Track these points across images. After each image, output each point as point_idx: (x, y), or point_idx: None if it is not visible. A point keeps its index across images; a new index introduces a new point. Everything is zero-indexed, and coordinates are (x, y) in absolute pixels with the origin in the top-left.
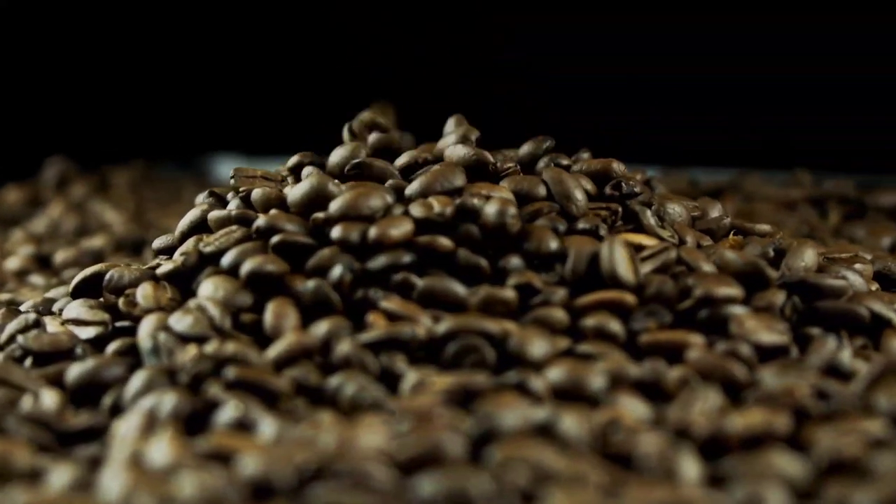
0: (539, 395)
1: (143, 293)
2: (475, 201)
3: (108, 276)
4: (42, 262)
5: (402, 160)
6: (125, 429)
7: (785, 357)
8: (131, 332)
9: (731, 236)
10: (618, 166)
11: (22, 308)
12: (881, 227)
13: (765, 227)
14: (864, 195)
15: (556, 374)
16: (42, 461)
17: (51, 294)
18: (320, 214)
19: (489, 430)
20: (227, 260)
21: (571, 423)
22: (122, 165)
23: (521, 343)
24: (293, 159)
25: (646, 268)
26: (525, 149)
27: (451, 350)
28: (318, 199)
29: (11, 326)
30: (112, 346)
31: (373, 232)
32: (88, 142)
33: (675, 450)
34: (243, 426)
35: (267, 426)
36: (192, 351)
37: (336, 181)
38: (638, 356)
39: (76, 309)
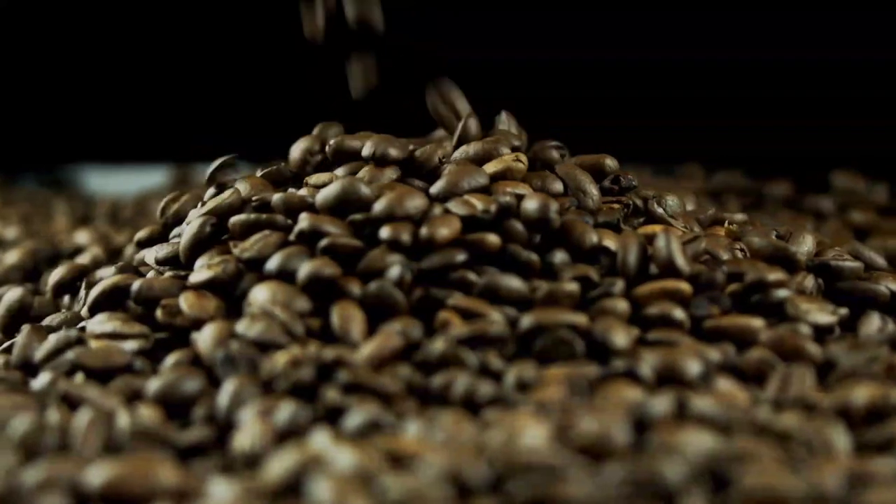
0: (648, 381)
1: (189, 303)
2: (508, 199)
3: (136, 288)
4: None
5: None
6: (250, 440)
7: (831, 335)
8: (178, 342)
9: (726, 224)
10: (611, 161)
11: None
12: (795, 215)
13: (740, 216)
14: (759, 186)
15: (652, 360)
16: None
17: None
18: (358, 216)
19: (641, 416)
20: (273, 265)
21: (710, 405)
22: None
23: (605, 333)
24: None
25: None
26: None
27: (544, 343)
28: (349, 200)
29: (50, 343)
30: (171, 359)
31: (424, 231)
32: None
33: (826, 424)
34: (377, 428)
35: (412, 427)
36: (282, 358)
37: (367, 182)
38: (702, 342)
39: (108, 323)
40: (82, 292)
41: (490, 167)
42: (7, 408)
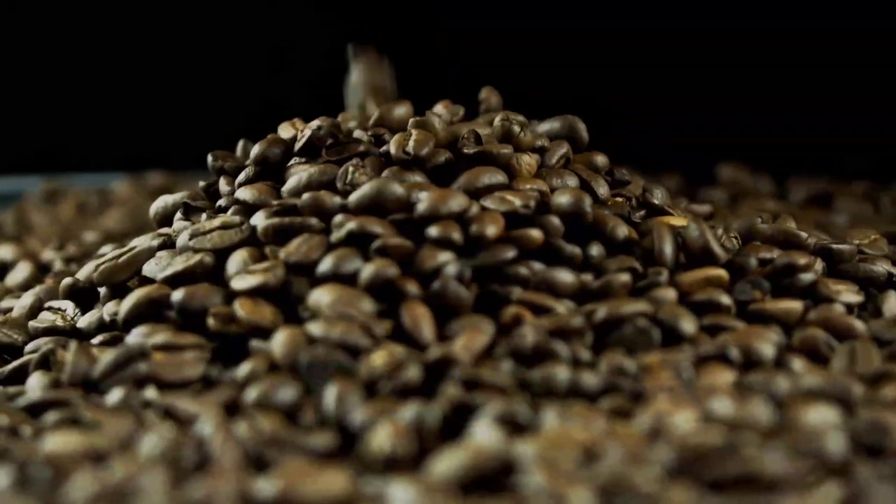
0: (737, 362)
1: (246, 309)
2: (538, 195)
3: (179, 298)
4: None
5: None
6: (389, 442)
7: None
8: (237, 351)
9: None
10: (601, 158)
11: None
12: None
13: (706, 208)
14: (652, 180)
15: (733, 343)
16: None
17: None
18: (399, 215)
19: (771, 396)
20: (326, 267)
21: (818, 381)
22: None
23: (675, 320)
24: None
25: None
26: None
27: (624, 333)
28: (385, 200)
29: (109, 359)
30: (246, 367)
31: (474, 229)
32: None
33: None
34: (510, 423)
35: (549, 419)
36: (379, 359)
37: (399, 181)
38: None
39: (157, 335)
40: (71, 306)
41: (502, 162)
42: (119, 426)
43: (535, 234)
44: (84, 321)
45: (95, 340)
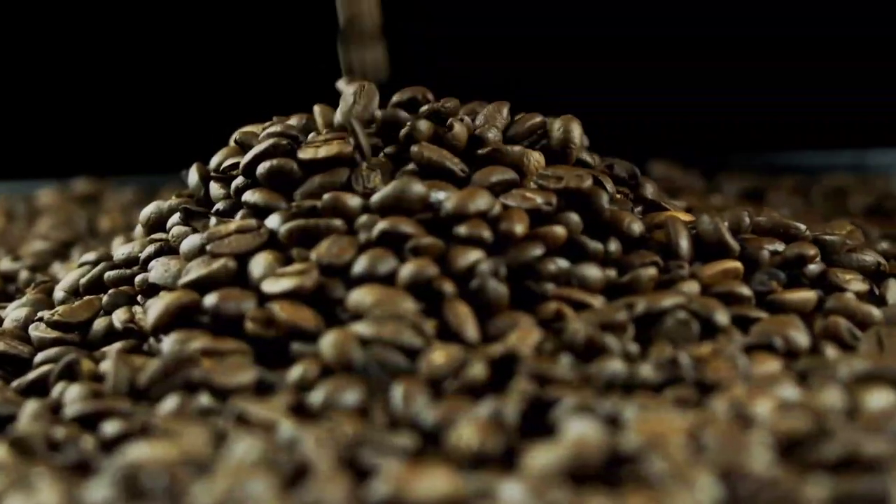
0: (782, 351)
1: (287, 312)
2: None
3: (213, 303)
4: None
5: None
6: (477, 439)
7: None
8: (272, 354)
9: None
10: (595, 157)
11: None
12: None
13: (683, 203)
14: None
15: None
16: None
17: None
18: (424, 215)
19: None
20: (361, 268)
21: (867, 366)
22: None
23: (710, 312)
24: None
25: None
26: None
27: (667, 325)
28: (404, 199)
29: (156, 367)
30: (297, 371)
31: (503, 227)
32: None
33: None
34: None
35: (629, 412)
36: (440, 358)
37: (421, 180)
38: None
39: (195, 340)
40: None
41: (514, 161)
42: (199, 434)
43: (560, 230)
44: (91, 330)
45: (114, 348)
